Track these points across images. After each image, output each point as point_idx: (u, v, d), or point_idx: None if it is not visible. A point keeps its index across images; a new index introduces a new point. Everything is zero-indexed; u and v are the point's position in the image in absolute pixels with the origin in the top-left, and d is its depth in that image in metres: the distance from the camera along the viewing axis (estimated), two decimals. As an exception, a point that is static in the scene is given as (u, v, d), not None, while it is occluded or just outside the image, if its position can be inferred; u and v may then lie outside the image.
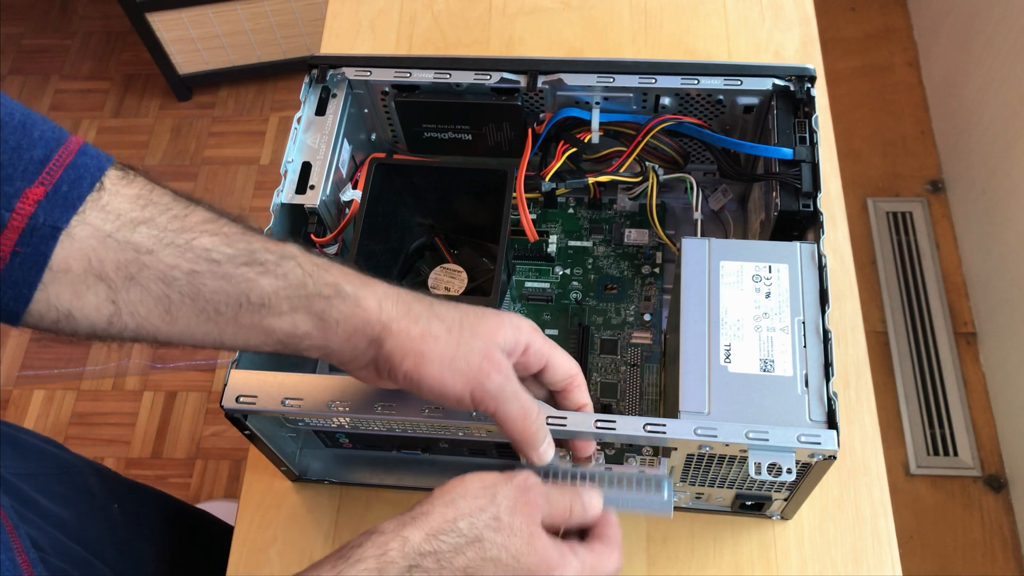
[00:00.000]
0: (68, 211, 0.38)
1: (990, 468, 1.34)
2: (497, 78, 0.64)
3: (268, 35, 1.72)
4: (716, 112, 0.65)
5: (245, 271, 0.41)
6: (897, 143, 1.65)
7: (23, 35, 2.01)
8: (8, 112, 0.39)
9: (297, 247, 0.43)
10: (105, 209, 0.39)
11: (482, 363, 0.44)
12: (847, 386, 0.64)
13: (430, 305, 0.45)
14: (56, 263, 0.38)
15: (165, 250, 0.40)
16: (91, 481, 0.69)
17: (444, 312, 0.45)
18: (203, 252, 0.41)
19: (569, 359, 0.49)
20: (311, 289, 0.42)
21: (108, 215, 0.39)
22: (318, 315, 0.43)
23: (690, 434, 0.48)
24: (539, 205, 0.74)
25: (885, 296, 1.49)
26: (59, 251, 0.38)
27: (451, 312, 0.45)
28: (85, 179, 0.39)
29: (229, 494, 1.42)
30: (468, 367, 0.44)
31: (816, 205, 0.56)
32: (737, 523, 0.61)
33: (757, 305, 0.52)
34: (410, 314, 0.44)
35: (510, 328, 0.46)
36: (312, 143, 0.64)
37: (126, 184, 0.40)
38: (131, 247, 0.39)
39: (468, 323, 0.45)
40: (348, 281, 0.43)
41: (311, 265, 0.43)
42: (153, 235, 0.40)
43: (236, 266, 0.41)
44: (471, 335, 0.44)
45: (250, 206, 1.73)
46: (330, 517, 0.64)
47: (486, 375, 0.44)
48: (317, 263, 0.43)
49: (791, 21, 0.83)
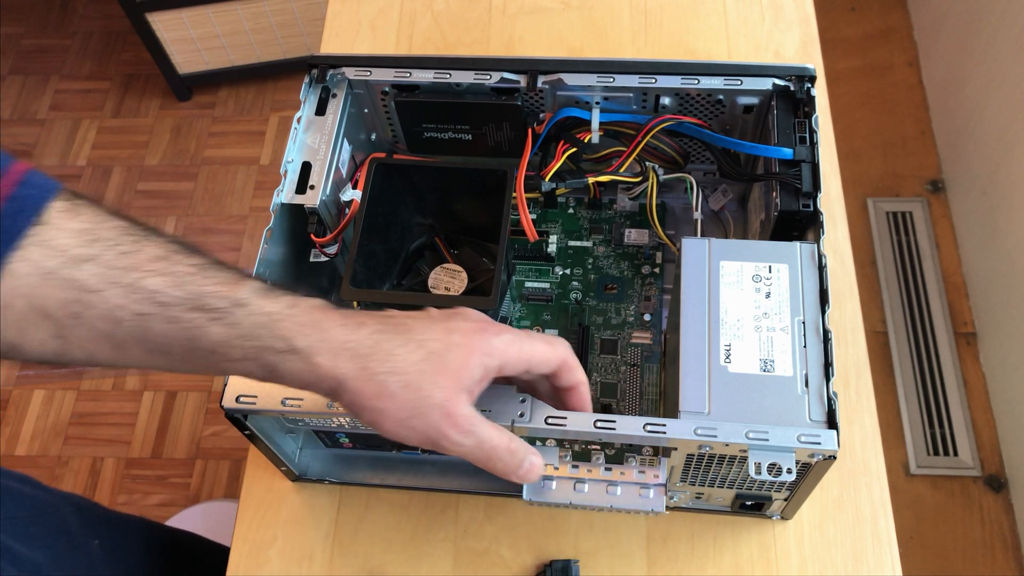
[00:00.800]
0: (6, 247, 0.37)
1: (990, 468, 1.34)
2: (497, 78, 0.64)
3: (268, 35, 1.72)
4: (716, 112, 0.65)
5: (193, 317, 0.39)
6: (897, 143, 1.65)
7: (23, 35, 2.01)
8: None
9: (252, 290, 0.41)
10: (47, 245, 0.37)
11: (440, 423, 0.42)
12: (847, 386, 0.64)
13: (389, 355, 0.42)
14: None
15: (111, 290, 0.38)
16: (69, 519, 0.67)
17: (404, 361, 0.42)
18: (150, 294, 0.39)
19: (549, 348, 0.47)
20: (262, 342, 0.41)
21: (50, 251, 0.37)
22: (269, 367, 0.41)
23: (690, 434, 0.48)
24: (539, 205, 0.74)
25: (885, 296, 1.49)
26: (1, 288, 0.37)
27: (412, 359, 0.42)
28: (25, 212, 0.37)
29: (229, 494, 1.42)
30: (425, 426, 0.42)
31: (816, 205, 0.56)
32: (737, 523, 0.61)
33: (757, 305, 0.52)
34: (365, 371, 0.42)
35: (478, 364, 0.44)
36: (312, 143, 0.64)
37: (71, 217, 0.38)
38: (75, 285, 0.38)
39: (430, 371, 0.42)
40: (302, 333, 0.41)
41: (263, 315, 0.41)
42: (98, 273, 0.38)
43: (184, 311, 0.39)
44: (431, 387, 0.42)
45: (250, 206, 1.73)
46: (330, 517, 0.64)
47: (443, 435, 0.43)
48: (270, 312, 0.41)
49: (791, 21, 0.83)
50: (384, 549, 0.62)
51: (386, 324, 0.43)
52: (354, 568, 0.61)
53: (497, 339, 0.45)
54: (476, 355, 0.44)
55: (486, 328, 0.45)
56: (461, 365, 0.43)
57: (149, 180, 1.78)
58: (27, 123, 1.87)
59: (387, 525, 0.63)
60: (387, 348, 0.42)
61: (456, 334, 0.44)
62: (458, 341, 0.44)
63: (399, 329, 0.43)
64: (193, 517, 1.39)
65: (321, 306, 0.43)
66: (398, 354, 0.42)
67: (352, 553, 0.62)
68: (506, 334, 0.45)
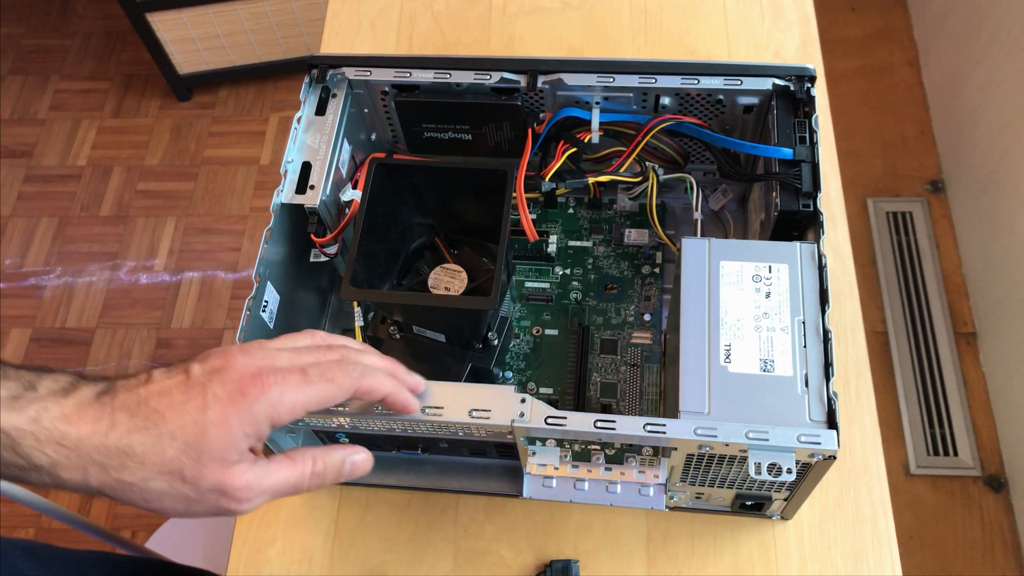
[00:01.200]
0: None
1: (990, 468, 1.34)
2: (497, 78, 0.64)
3: (268, 35, 1.72)
4: (716, 112, 0.65)
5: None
6: (897, 143, 1.65)
7: (23, 35, 2.01)
8: None
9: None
10: None
11: (219, 503, 0.42)
12: (847, 386, 0.64)
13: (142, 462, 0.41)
14: None
15: None
16: (20, 564, 0.67)
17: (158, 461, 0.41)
18: None
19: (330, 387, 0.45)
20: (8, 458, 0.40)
21: None
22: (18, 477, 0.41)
23: (690, 434, 0.48)
24: (539, 205, 0.74)
25: (885, 296, 1.49)
26: None
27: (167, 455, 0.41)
28: None
29: (229, 494, 1.42)
30: (209, 508, 0.42)
31: (816, 205, 0.56)
32: (737, 523, 0.61)
33: (757, 305, 0.52)
34: (121, 483, 0.41)
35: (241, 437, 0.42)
36: (312, 143, 0.64)
37: None
38: None
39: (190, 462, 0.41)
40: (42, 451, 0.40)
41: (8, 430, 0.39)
42: None
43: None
44: (196, 477, 0.41)
45: (250, 206, 1.73)
46: (330, 517, 0.64)
47: (228, 510, 0.43)
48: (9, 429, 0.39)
49: (791, 21, 0.83)
50: (384, 549, 0.62)
51: (137, 419, 0.41)
52: (354, 568, 0.61)
53: (260, 403, 0.42)
54: (236, 429, 0.42)
55: (247, 390, 0.42)
56: (223, 444, 0.42)
57: (149, 180, 1.78)
58: (27, 123, 1.87)
59: (387, 525, 0.63)
60: (139, 452, 0.41)
61: (212, 408, 0.41)
62: (214, 418, 0.41)
63: (151, 421, 0.41)
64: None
65: (72, 411, 0.41)
66: (150, 456, 0.41)
67: (352, 553, 0.62)
68: (273, 389, 0.43)
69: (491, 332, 0.63)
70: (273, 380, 0.43)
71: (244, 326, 0.55)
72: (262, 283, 0.58)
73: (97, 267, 1.69)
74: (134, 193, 1.76)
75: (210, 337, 1.59)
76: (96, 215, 1.75)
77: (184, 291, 1.65)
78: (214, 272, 1.67)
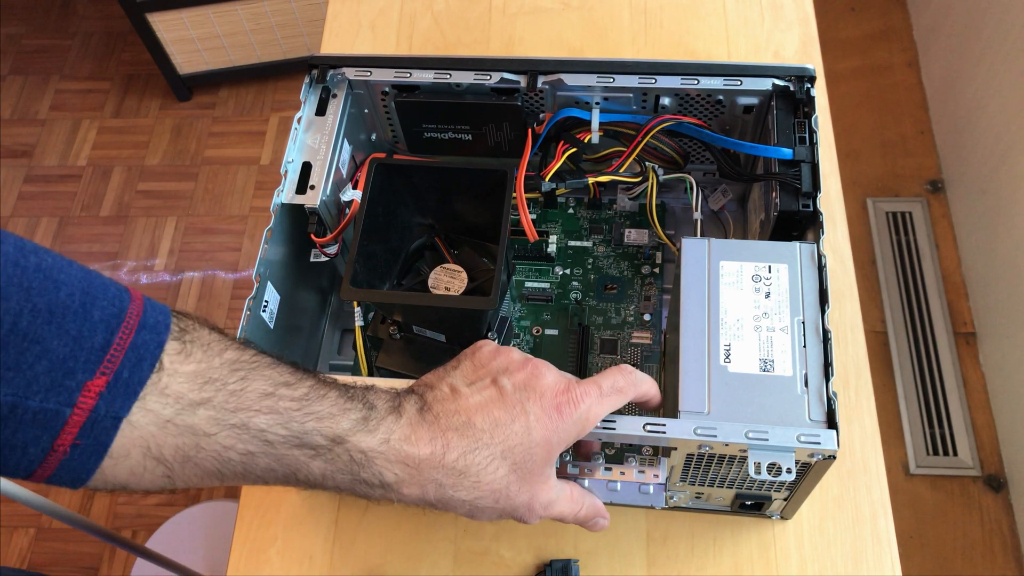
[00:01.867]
0: (129, 399, 0.37)
1: (990, 468, 1.34)
2: (497, 78, 0.64)
3: (268, 35, 1.72)
4: (716, 112, 0.65)
5: (296, 453, 0.41)
6: (897, 143, 1.65)
7: (23, 35, 2.01)
8: (69, 294, 0.36)
9: (350, 424, 0.42)
10: (164, 392, 0.38)
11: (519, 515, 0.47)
12: (847, 386, 0.64)
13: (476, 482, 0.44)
14: (115, 450, 0.37)
15: (222, 432, 0.39)
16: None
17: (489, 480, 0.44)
18: (258, 433, 0.40)
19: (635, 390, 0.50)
20: (356, 475, 0.43)
21: (168, 399, 0.38)
22: (361, 494, 0.44)
23: (690, 434, 0.48)
24: (539, 205, 0.74)
25: (885, 296, 1.49)
26: (119, 439, 0.37)
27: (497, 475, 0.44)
28: (145, 360, 0.38)
29: (229, 494, 1.42)
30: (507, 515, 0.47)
31: (816, 205, 0.56)
32: (737, 523, 0.61)
33: (757, 305, 0.52)
34: (452, 499, 0.44)
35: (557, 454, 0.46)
36: (312, 143, 0.64)
37: (184, 359, 0.39)
38: (190, 431, 0.38)
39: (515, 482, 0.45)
40: (392, 471, 0.43)
41: (359, 453, 0.42)
42: (211, 417, 0.39)
43: (288, 448, 0.41)
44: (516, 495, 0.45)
45: (250, 206, 1.73)
46: (330, 517, 0.64)
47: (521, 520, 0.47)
48: (365, 451, 0.42)
49: (791, 21, 0.83)
50: (384, 549, 0.62)
51: (467, 439, 0.44)
52: (354, 568, 0.61)
53: (573, 420, 0.46)
54: (556, 449, 0.46)
55: (562, 408, 0.46)
56: (544, 463, 0.46)
57: (149, 180, 1.78)
58: (27, 123, 1.87)
59: (387, 525, 0.63)
60: (474, 472, 0.44)
61: (536, 429, 0.45)
62: (539, 439, 0.45)
63: (481, 442, 0.44)
64: (193, 517, 1.39)
65: (410, 432, 0.43)
66: (484, 476, 0.44)
67: (352, 553, 0.62)
68: (582, 404, 0.46)
69: (491, 332, 0.63)
70: (581, 395, 0.46)
71: (244, 326, 0.55)
72: (262, 283, 0.58)
73: (97, 267, 1.69)
74: (134, 193, 1.77)
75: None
76: (96, 215, 1.75)
77: (184, 291, 1.65)
78: (214, 272, 1.67)
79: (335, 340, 0.70)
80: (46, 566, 1.41)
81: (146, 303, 0.39)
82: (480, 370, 0.47)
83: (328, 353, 0.70)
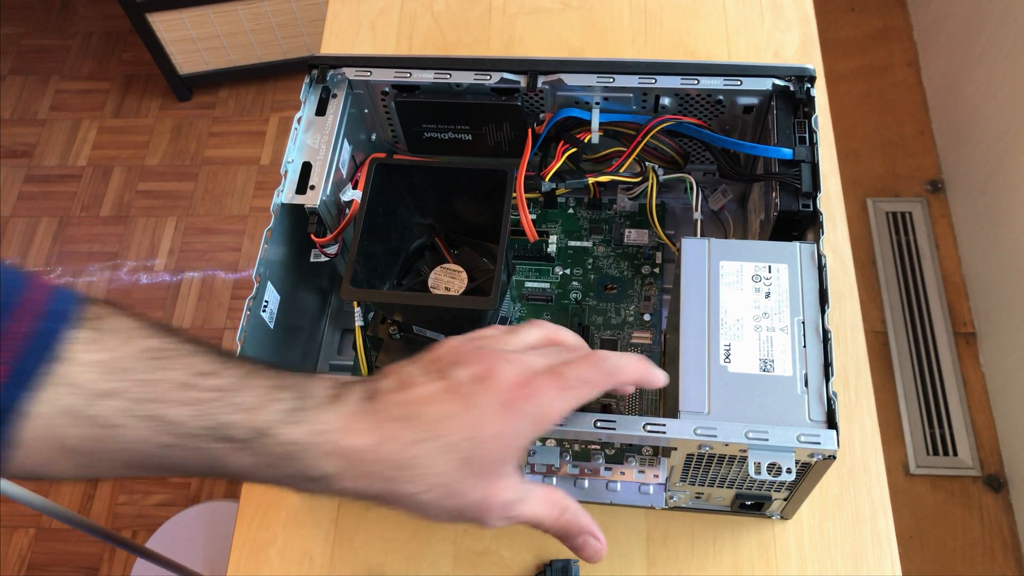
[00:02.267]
0: (27, 390, 0.36)
1: (990, 468, 1.34)
2: (497, 78, 0.64)
3: (268, 35, 1.72)
4: (716, 112, 0.65)
5: (217, 447, 0.39)
6: (897, 143, 1.65)
7: (23, 35, 2.01)
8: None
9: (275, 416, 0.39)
10: (67, 382, 0.36)
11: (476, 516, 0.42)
12: (847, 386, 0.64)
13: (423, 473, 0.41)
14: (20, 441, 0.36)
15: (133, 423, 0.38)
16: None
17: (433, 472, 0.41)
18: (172, 426, 0.38)
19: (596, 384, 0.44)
20: (286, 471, 0.40)
21: (73, 389, 0.37)
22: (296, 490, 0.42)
23: (690, 434, 0.48)
24: (539, 205, 0.74)
25: (885, 296, 1.49)
26: (23, 430, 0.36)
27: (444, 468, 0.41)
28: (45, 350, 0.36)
29: (229, 494, 1.42)
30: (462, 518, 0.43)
31: (816, 205, 0.56)
32: (737, 523, 0.61)
33: (757, 305, 0.52)
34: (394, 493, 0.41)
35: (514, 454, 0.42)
36: (312, 143, 0.64)
37: (96, 349, 0.37)
38: (97, 423, 0.37)
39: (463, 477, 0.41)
40: (327, 463, 0.40)
41: (288, 445, 0.39)
42: (121, 408, 0.37)
43: (208, 442, 0.39)
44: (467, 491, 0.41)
45: (250, 206, 1.73)
46: (330, 517, 0.64)
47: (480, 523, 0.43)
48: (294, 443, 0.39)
49: (791, 21, 0.83)
50: (384, 549, 0.62)
51: (411, 430, 0.41)
52: (354, 568, 0.62)
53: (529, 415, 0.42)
54: (511, 443, 0.42)
55: (516, 402, 0.41)
56: (496, 460, 0.41)
57: (149, 180, 1.78)
58: (27, 123, 1.87)
59: (387, 525, 0.63)
60: (418, 465, 0.41)
61: (487, 422, 0.41)
62: (490, 433, 0.41)
63: (427, 432, 0.41)
64: (193, 517, 1.39)
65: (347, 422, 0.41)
66: (429, 469, 0.41)
67: (352, 553, 0.62)
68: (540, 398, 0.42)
69: (491, 332, 0.63)
70: (538, 389, 0.42)
71: (244, 326, 0.55)
72: (262, 283, 0.58)
73: (97, 267, 1.69)
74: (134, 193, 1.77)
75: (210, 338, 1.59)
76: (96, 215, 1.75)
77: (184, 291, 1.65)
78: (214, 272, 1.67)
79: (335, 340, 0.70)
80: (46, 566, 1.41)
81: (53, 292, 0.38)
82: (438, 362, 0.44)
83: (328, 353, 0.70)
